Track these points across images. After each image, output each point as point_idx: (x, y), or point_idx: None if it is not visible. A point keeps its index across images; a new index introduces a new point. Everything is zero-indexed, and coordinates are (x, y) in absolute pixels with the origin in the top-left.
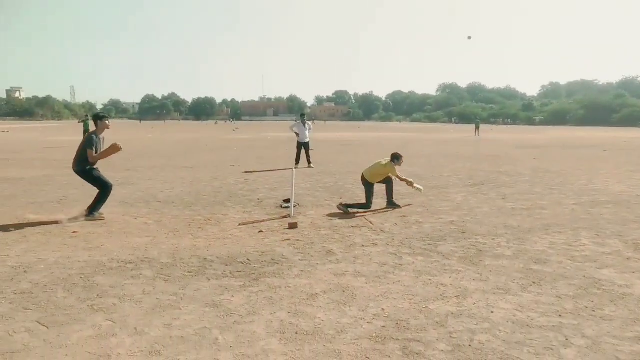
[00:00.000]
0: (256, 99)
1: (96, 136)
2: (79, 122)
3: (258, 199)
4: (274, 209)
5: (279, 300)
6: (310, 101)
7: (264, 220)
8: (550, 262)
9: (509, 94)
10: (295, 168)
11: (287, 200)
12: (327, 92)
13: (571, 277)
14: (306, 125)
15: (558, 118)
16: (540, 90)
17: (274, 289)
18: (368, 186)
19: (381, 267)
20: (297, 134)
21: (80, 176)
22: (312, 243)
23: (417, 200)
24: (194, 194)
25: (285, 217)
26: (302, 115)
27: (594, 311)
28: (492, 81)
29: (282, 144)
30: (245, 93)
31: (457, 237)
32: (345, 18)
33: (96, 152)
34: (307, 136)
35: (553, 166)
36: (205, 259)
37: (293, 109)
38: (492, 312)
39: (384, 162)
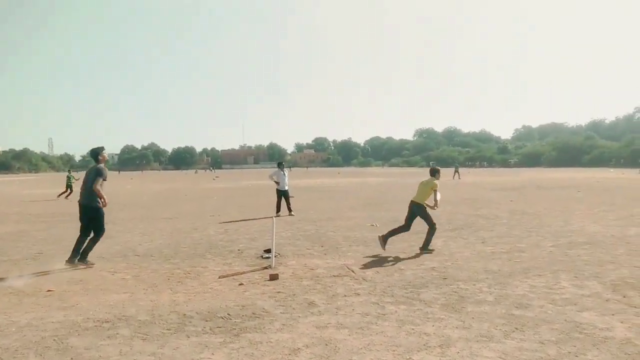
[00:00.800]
0: (236, 147)
1: (103, 167)
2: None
3: (238, 250)
4: (255, 259)
5: (260, 357)
6: (290, 148)
7: (244, 272)
8: (532, 306)
9: (484, 138)
10: (276, 217)
11: (268, 250)
12: (307, 139)
13: (553, 321)
14: (285, 173)
15: (532, 160)
16: (514, 134)
17: (255, 345)
18: (420, 211)
19: (364, 318)
20: (277, 182)
21: (86, 210)
22: (294, 295)
23: (398, 246)
24: (173, 246)
25: (266, 267)
26: (281, 163)
27: (576, 356)
28: (468, 125)
29: (262, 192)
30: (226, 141)
31: (439, 284)
32: (324, 67)
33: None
34: (287, 184)
35: (530, 208)
36: (185, 314)
37: (273, 156)
38: None
39: (424, 181)
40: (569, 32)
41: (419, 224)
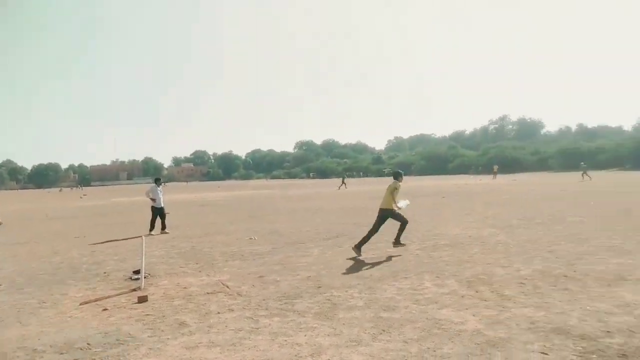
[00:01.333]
0: (107, 162)
1: None
2: None
3: (104, 273)
4: (123, 282)
5: None
6: (167, 162)
7: (109, 297)
8: (398, 307)
9: (360, 149)
10: (149, 235)
11: (138, 271)
12: (185, 152)
13: (416, 320)
14: (161, 189)
15: (403, 169)
16: (387, 145)
17: None
18: (389, 213)
19: (237, 334)
20: (153, 200)
21: None
22: (164, 316)
23: (275, 258)
24: (27, 274)
25: (134, 290)
26: (158, 179)
27: (435, 351)
28: (345, 137)
29: (135, 210)
30: (95, 157)
31: (313, 293)
32: (199, 75)
33: None
34: (163, 201)
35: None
36: (35, 349)
37: (148, 171)
38: None
39: (388, 186)
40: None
41: (301, 235)
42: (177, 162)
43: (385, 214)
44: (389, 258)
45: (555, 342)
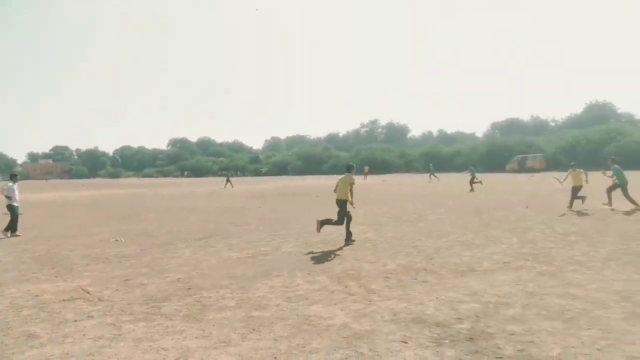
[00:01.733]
0: None
1: None
2: None
3: None
4: None
5: None
6: (21, 158)
7: None
8: (270, 306)
9: (237, 148)
10: (10, 236)
11: None
12: (43, 147)
13: (286, 317)
14: (17, 186)
15: (280, 169)
16: (264, 144)
17: None
18: (341, 204)
19: (96, 343)
20: (9, 197)
21: None
22: (9, 328)
23: (143, 260)
24: None
25: None
26: (14, 175)
27: (304, 347)
28: (221, 135)
29: None
30: None
31: (182, 295)
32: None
33: None
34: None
35: (276, 213)
36: None
37: None
38: None
39: (342, 177)
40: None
41: (171, 236)
42: (33, 157)
43: (342, 204)
44: (263, 257)
45: (415, 331)
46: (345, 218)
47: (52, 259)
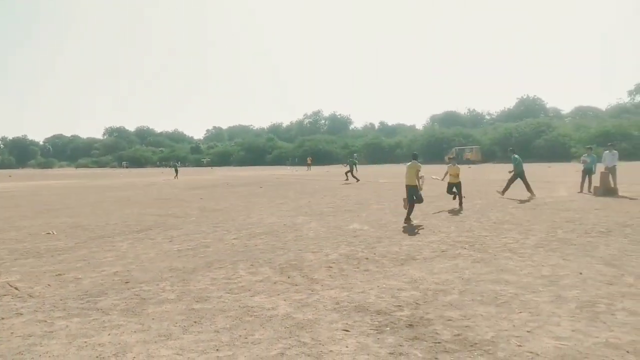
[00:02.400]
0: None
1: None
2: None
3: None
4: None
5: None
6: None
7: None
8: (211, 298)
9: (178, 137)
10: None
11: None
12: None
13: (229, 309)
14: None
15: (223, 159)
16: (206, 134)
17: None
18: (412, 190)
19: (25, 341)
20: None
21: None
22: None
23: (77, 254)
24: None
25: None
26: None
27: (246, 338)
28: (161, 125)
29: None
30: None
31: (120, 289)
32: None
33: None
34: None
35: (218, 204)
36: None
37: None
38: None
39: (409, 165)
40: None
41: (107, 229)
42: None
43: (411, 191)
44: (204, 248)
45: (356, 320)
46: (412, 201)
47: None
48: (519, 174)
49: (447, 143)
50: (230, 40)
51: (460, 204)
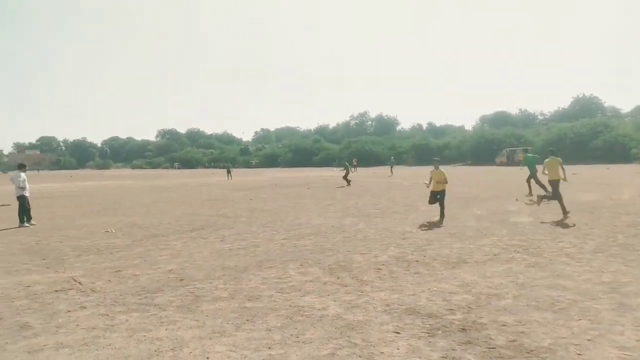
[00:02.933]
0: None
1: None
2: None
3: None
4: None
5: None
6: (6, 148)
7: None
8: (262, 297)
9: (227, 139)
10: (24, 226)
11: None
12: (30, 138)
13: (280, 308)
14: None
15: (271, 161)
16: (254, 136)
17: None
18: (554, 184)
19: (89, 333)
20: (23, 188)
21: None
22: (1, 319)
23: (134, 251)
24: None
25: None
26: (23, 165)
27: (297, 337)
28: (211, 127)
29: None
30: None
31: (175, 286)
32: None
33: None
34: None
35: (267, 205)
36: None
37: None
38: (207, 358)
39: (550, 161)
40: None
41: (162, 228)
42: (19, 148)
43: (555, 183)
44: (255, 248)
45: (407, 322)
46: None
47: (42, 250)
48: (531, 173)
49: (498, 144)
50: (279, 44)
51: (442, 216)
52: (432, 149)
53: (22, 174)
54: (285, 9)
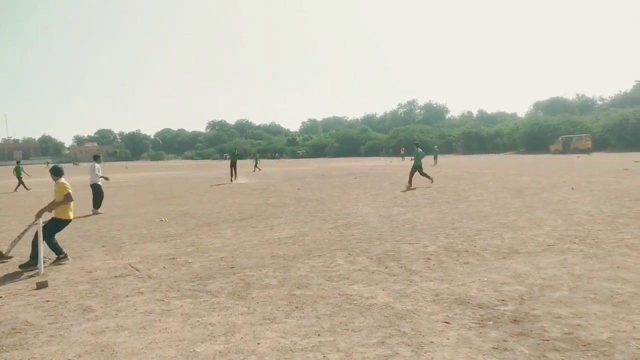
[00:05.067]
0: None
1: None
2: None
3: None
4: (19, 267)
5: None
6: (68, 141)
7: (3, 284)
8: (311, 285)
9: (274, 130)
10: (98, 213)
11: (36, 256)
12: (89, 131)
13: (328, 296)
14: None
15: (318, 150)
16: (301, 126)
17: None
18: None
19: (147, 317)
20: (107, 178)
21: None
22: (66, 302)
23: (187, 239)
24: None
25: (32, 276)
26: (97, 157)
27: (346, 325)
28: (259, 118)
29: (28, 192)
30: None
31: (226, 273)
32: (105, 52)
33: None
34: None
35: (314, 195)
36: None
37: (47, 150)
38: (258, 343)
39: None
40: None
41: (213, 217)
42: (79, 141)
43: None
44: (303, 237)
45: (457, 312)
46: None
47: (101, 237)
48: (416, 167)
49: (553, 131)
50: (326, 35)
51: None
52: (483, 137)
53: (97, 165)
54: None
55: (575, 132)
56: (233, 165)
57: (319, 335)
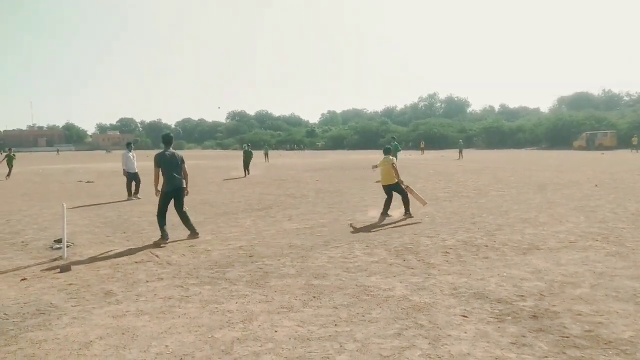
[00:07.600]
0: (23, 127)
1: None
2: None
3: (22, 242)
4: (43, 251)
5: (43, 357)
6: (90, 129)
7: (28, 266)
8: (329, 275)
9: (294, 121)
10: (130, 199)
11: (59, 241)
12: (111, 119)
13: (346, 287)
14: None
15: (337, 143)
16: (320, 118)
17: (37, 344)
18: (387, 189)
19: (166, 302)
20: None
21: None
22: (89, 285)
23: (206, 228)
24: None
25: (56, 259)
26: (129, 144)
27: (363, 316)
28: (278, 109)
29: (54, 177)
30: (8, 121)
31: (245, 262)
32: (129, 41)
33: None
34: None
35: (332, 186)
36: None
37: (70, 137)
38: (275, 331)
39: (383, 160)
40: (360, 29)
41: (232, 206)
42: (102, 129)
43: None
44: (321, 228)
45: (475, 306)
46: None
47: (123, 224)
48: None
49: (577, 127)
50: (345, 25)
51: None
52: (504, 132)
53: (129, 153)
54: None
55: (600, 129)
56: (246, 164)
57: (335, 325)
